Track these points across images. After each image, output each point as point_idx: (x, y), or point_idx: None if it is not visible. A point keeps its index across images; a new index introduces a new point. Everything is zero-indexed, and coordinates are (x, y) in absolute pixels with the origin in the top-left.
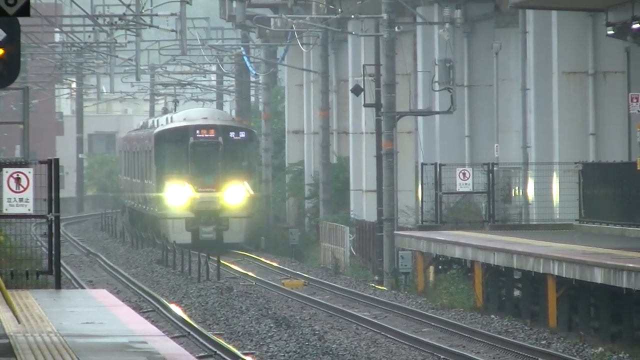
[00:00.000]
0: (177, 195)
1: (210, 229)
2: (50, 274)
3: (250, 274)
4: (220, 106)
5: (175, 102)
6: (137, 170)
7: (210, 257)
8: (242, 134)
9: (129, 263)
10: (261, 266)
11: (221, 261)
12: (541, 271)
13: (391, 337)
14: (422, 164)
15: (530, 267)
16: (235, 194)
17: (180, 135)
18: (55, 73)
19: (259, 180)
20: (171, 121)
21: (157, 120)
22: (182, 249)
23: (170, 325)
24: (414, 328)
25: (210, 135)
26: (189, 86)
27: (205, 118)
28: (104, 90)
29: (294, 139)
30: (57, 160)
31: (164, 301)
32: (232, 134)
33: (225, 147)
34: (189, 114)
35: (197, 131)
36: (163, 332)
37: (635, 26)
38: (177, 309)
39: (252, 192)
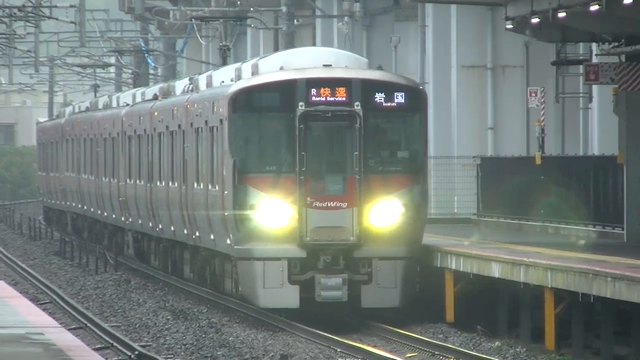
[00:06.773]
0: (272, 215)
1: (337, 281)
2: None
3: None
4: None
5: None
6: (163, 168)
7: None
8: (400, 97)
9: (26, 255)
10: None
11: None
12: (439, 265)
13: (289, 330)
14: None
15: (428, 261)
16: (385, 214)
17: (278, 97)
18: None
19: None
20: (256, 72)
21: (216, 74)
22: (79, 241)
23: (68, 317)
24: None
25: (339, 99)
26: (86, 78)
27: (328, 65)
28: (3, 82)
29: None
30: None
31: (61, 293)
32: (379, 97)
33: (368, 123)
34: (292, 57)
35: (312, 90)
36: (60, 324)
37: (534, 20)
38: (74, 301)
39: (406, 210)
